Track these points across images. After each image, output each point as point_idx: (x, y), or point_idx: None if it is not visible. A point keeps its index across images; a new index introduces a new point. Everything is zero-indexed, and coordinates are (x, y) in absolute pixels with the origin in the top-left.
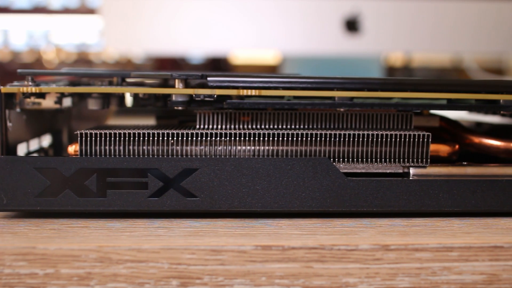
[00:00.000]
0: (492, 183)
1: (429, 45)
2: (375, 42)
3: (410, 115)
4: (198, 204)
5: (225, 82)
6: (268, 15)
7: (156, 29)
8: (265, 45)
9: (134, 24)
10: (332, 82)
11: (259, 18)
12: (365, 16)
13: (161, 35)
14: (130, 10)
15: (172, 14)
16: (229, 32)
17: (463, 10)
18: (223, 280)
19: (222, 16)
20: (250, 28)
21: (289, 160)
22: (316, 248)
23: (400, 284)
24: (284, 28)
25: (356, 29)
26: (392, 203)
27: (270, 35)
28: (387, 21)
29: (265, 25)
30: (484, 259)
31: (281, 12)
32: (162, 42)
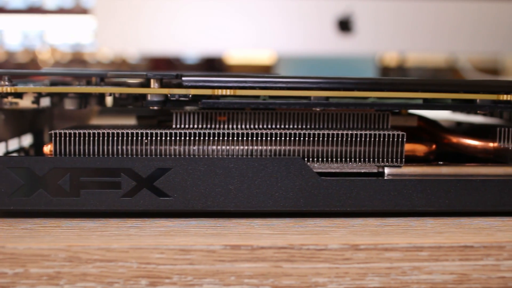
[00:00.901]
0: (466, 182)
1: (423, 45)
2: (368, 42)
3: (387, 115)
4: (171, 203)
5: (200, 82)
6: (263, 15)
7: (150, 29)
8: (260, 45)
9: (128, 24)
10: (307, 82)
11: (254, 18)
12: (358, 16)
13: (156, 35)
14: (123, 10)
15: (167, 14)
16: (224, 32)
17: (458, 10)
18: (192, 279)
19: (217, 16)
20: (245, 28)
21: (262, 160)
22: (285, 247)
23: (370, 284)
24: (279, 28)
25: (349, 29)
26: (365, 202)
27: (265, 35)
28: (380, 21)
29: (260, 25)
30: (454, 258)
31: (275, 12)
32: (156, 42)
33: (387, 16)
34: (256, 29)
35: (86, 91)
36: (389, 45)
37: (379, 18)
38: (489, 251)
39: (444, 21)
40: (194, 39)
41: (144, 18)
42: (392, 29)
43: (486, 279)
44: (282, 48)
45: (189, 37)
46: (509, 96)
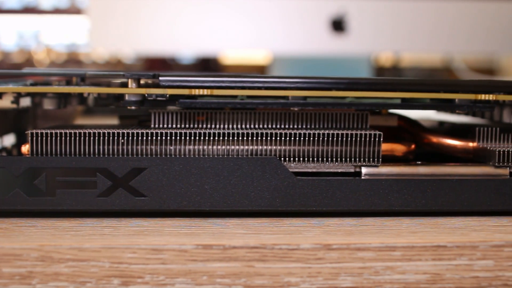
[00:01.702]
0: (443, 182)
1: (418, 45)
2: (362, 42)
3: (366, 115)
4: (147, 203)
5: (177, 82)
6: (258, 15)
7: (145, 29)
8: (255, 45)
9: (122, 24)
10: (285, 82)
11: (249, 18)
12: (352, 16)
13: (151, 35)
14: (117, 10)
15: (162, 14)
16: (220, 32)
17: (453, 10)
18: (164, 279)
19: (213, 16)
20: (240, 29)
21: (238, 160)
22: (258, 247)
23: (343, 283)
24: (274, 28)
25: (343, 29)
26: (342, 202)
27: (260, 35)
28: (374, 21)
29: (255, 25)
30: (427, 258)
31: (270, 12)
32: (152, 42)
33: (381, 16)
34: (251, 29)
35: (64, 91)
36: (383, 45)
37: (373, 18)
38: (462, 251)
39: (439, 21)
40: (189, 39)
41: (139, 18)
42: (386, 29)
43: (460, 278)
44: (277, 48)
45: (185, 37)
46: (487, 95)
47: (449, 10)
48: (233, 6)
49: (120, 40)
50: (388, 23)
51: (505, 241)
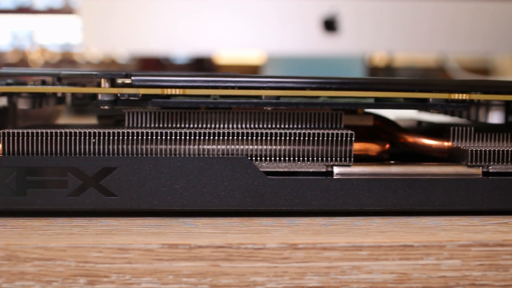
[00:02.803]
0: (414, 182)
1: (411, 45)
2: (354, 41)
3: (340, 114)
4: (118, 202)
5: (149, 81)
6: (251, 15)
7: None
8: (249, 45)
9: (115, 24)
10: (257, 81)
11: (243, 18)
12: (344, 15)
13: (144, 35)
14: (110, 9)
15: (156, 14)
16: (214, 32)
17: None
18: (131, 278)
19: (207, 16)
20: (235, 28)
21: (208, 159)
22: (223, 246)
23: (309, 283)
24: (267, 28)
25: (334, 28)
26: (312, 202)
27: (254, 35)
28: (366, 21)
29: (248, 25)
30: (394, 258)
31: (264, 11)
32: (145, 42)
33: (373, 16)
34: (245, 29)
35: (36, 91)
36: (376, 45)
37: (365, 17)
38: (429, 251)
39: (433, 21)
40: (183, 39)
41: (133, 18)
42: (379, 29)
43: (427, 278)
44: (271, 48)
45: (179, 37)
46: (461, 95)
47: (443, 10)
48: (227, 6)
49: (113, 40)
50: (381, 23)
51: (472, 241)
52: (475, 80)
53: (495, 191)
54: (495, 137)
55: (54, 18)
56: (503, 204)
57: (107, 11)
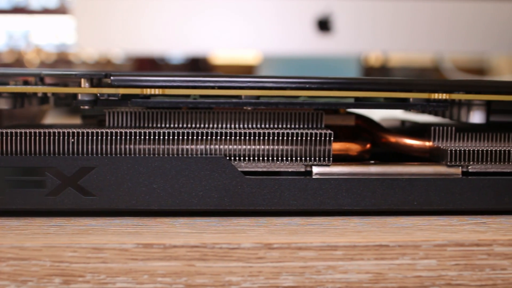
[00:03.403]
0: (393, 181)
1: (407, 45)
2: (349, 41)
3: (321, 114)
4: (96, 202)
5: (128, 81)
6: (247, 15)
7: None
8: (245, 45)
9: (109, 24)
10: (237, 81)
11: (239, 18)
12: (337, 15)
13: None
14: (104, 9)
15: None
16: (209, 32)
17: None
18: (106, 278)
19: (202, 16)
20: (230, 28)
21: (186, 159)
22: (198, 246)
23: (284, 282)
24: (263, 28)
25: (328, 28)
26: (291, 201)
27: (250, 35)
28: (360, 21)
29: (244, 25)
30: (369, 258)
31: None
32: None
33: (367, 16)
34: (240, 29)
35: (15, 91)
36: (370, 44)
37: (359, 17)
38: (405, 250)
39: (429, 20)
40: (179, 39)
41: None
42: (373, 29)
43: (402, 278)
44: (266, 48)
45: (174, 37)
46: (440, 94)
47: (438, 9)
48: (223, 6)
49: (108, 40)
50: (375, 22)
51: (448, 241)
52: (455, 80)
53: (474, 191)
54: (476, 137)
55: (49, 18)
56: (482, 204)
57: (101, 11)
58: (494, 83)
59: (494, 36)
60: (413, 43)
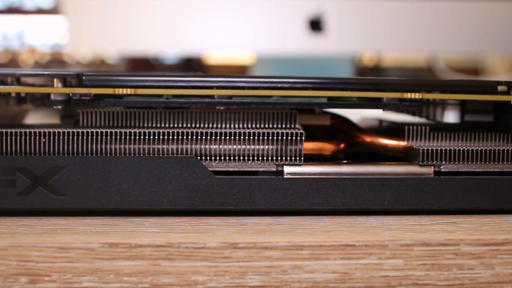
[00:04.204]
0: (363, 181)
1: (400, 45)
2: (341, 41)
3: (295, 114)
4: (67, 202)
5: (100, 81)
6: (241, 15)
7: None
8: (239, 45)
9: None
10: (209, 81)
11: (233, 18)
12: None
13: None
14: (96, 9)
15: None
16: (203, 32)
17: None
18: (72, 277)
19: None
20: (224, 28)
21: (156, 158)
22: (164, 246)
23: (250, 282)
24: (257, 28)
25: (320, 28)
26: (261, 201)
27: (243, 35)
28: (351, 21)
29: (238, 25)
30: (335, 257)
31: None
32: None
33: (359, 16)
34: (234, 29)
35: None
36: (362, 44)
37: (350, 17)
38: (371, 250)
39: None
40: (173, 39)
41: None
42: (365, 29)
43: (369, 278)
44: (260, 48)
45: (169, 38)
46: (413, 94)
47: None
48: (217, 6)
49: (100, 40)
50: (368, 23)
51: (414, 240)
52: (430, 79)
53: (446, 191)
54: (450, 136)
55: (43, 19)
56: (453, 203)
57: (93, 11)
58: (468, 83)
59: (488, 36)
60: (406, 43)
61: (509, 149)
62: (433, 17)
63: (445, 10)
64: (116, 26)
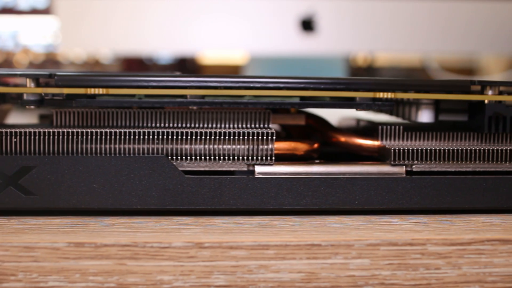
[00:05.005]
0: (334, 180)
1: (393, 45)
2: (333, 41)
3: (268, 113)
4: (37, 202)
5: (71, 81)
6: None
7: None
8: (232, 45)
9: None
10: (181, 81)
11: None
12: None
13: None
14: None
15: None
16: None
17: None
18: (37, 276)
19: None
20: (218, 28)
21: (126, 158)
22: (129, 245)
23: (216, 282)
24: (250, 28)
25: (312, 28)
26: (231, 201)
27: (237, 35)
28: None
29: (231, 25)
30: (301, 257)
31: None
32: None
33: (351, 16)
34: (228, 29)
35: None
36: (355, 44)
37: (342, 17)
38: (337, 250)
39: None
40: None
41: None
42: (357, 29)
43: (335, 277)
44: (253, 49)
45: (162, 38)
46: (385, 93)
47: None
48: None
49: (93, 40)
50: (360, 22)
51: (381, 240)
52: (403, 79)
53: (417, 190)
54: (423, 136)
55: (38, 19)
56: (424, 203)
57: (86, 11)
58: (441, 82)
59: (483, 36)
60: (400, 44)
61: (481, 148)
62: (427, 17)
63: (439, 10)
64: (110, 26)
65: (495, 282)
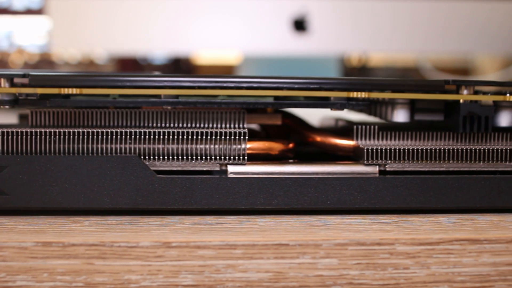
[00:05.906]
0: (305, 180)
1: (387, 45)
2: (325, 41)
3: (243, 113)
4: (9, 201)
5: (45, 81)
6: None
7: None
8: (226, 45)
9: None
10: (156, 81)
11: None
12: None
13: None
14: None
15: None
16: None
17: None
18: (5, 276)
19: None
20: (212, 29)
21: (97, 158)
22: (97, 245)
23: (184, 281)
24: (243, 28)
25: (304, 28)
26: (202, 201)
27: (230, 36)
28: (336, 21)
29: (225, 25)
30: (269, 257)
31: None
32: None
33: (344, 16)
34: (222, 29)
35: None
36: (349, 44)
37: (335, 17)
38: (305, 249)
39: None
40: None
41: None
42: (351, 29)
43: (303, 277)
44: (247, 49)
45: (157, 38)
46: (359, 93)
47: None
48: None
49: (87, 41)
50: (353, 23)
51: (349, 240)
52: (377, 78)
53: (389, 190)
54: (398, 135)
55: (32, 19)
56: (396, 202)
57: (80, 11)
58: (416, 82)
59: (477, 36)
60: (394, 43)
61: (454, 148)
62: (421, 17)
63: (434, 10)
64: (105, 26)
65: (464, 282)
